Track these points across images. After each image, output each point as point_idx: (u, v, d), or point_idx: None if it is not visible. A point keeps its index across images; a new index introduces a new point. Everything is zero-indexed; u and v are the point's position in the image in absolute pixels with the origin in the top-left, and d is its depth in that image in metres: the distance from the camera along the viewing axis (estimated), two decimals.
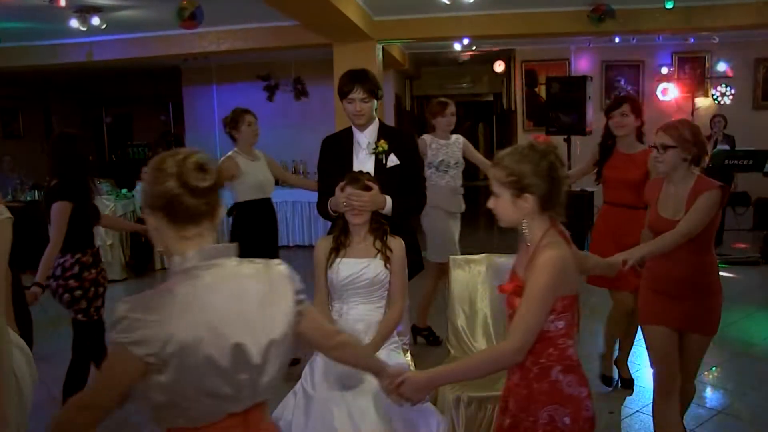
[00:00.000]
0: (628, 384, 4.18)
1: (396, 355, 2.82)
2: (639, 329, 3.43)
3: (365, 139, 3.31)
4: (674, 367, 2.94)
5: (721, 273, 2.99)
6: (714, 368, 4.47)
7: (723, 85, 9.54)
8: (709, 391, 4.18)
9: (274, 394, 1.69)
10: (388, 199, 2.99)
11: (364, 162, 3.27)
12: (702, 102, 9.86)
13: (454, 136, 5.07)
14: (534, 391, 1.98)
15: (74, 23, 6.63)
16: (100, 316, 3.80)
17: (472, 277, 3.55)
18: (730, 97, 9.52)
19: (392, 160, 3.26)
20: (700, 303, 2.90)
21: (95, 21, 6.63)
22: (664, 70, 9.90)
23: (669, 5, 6.83)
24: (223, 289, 1.53)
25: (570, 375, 1.98)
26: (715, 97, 9.55)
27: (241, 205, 4.55)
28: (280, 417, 2.70)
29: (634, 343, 4.17)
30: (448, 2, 6.54)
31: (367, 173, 2.97)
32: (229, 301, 1.52)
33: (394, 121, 10.36)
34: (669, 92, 9.84)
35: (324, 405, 2.53)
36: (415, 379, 1.99)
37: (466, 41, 8.88)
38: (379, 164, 3.25)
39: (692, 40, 9.38)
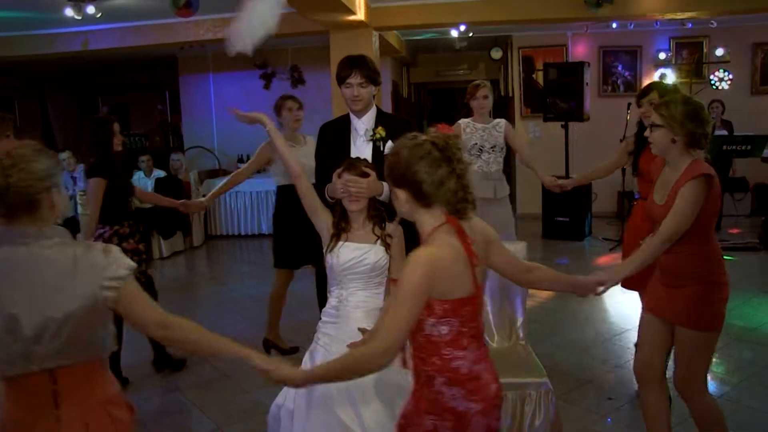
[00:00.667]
0: None
1: None
2: None
3: (363, 125, 3.30)
4: (650, 357, 2.87)
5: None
6: (713, 354, 4.48)
7: (721, 70, 9.50)
8: (708, 377, 4.18)
9: (74, 360, 1.79)
10: (386, 185, 2.98)
11: (361, 149, 3.27)
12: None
13: (495, 120, 4.99)
14: (423, 395, 1.91)
15: (69, 12, 6.59)
16: (142, 284, 3.88)
17: None
18: (728, 82, 9.48)
19: (390, 147, 3.25)
20: (695, 294, 2.66)
21: (90, 10, 6.59)
22: (662, 56, 9.86)
23: None
24: (16, 264, 1.73)
25: (456, 388, 1.86)
26: (712, 82, 9.51)
27: (282, 189, 4.69)
28: (281, 405, 2.71)
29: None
30: None
31: (365, 160, 2.96)
32: (17, 275, 1.72)
33: (391, 108, 10.33)
34: (666, 78, 9.81)
35: (325, 392, 2.53)
36: (285, 375, 1.88)
37: (463, 28, 8.83)
38: (376, 151, 3.25)
39: (690, 26, 9.34)
